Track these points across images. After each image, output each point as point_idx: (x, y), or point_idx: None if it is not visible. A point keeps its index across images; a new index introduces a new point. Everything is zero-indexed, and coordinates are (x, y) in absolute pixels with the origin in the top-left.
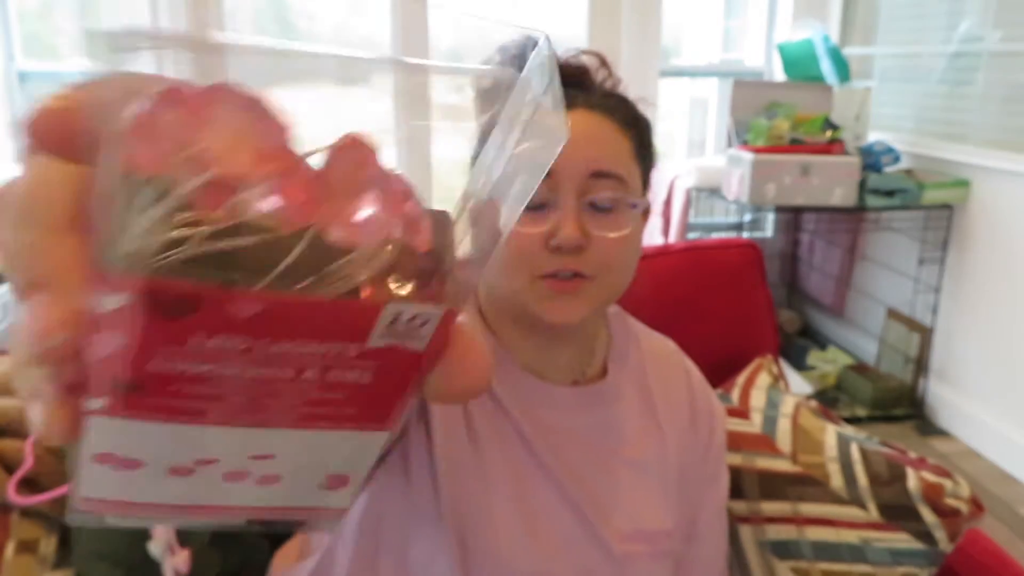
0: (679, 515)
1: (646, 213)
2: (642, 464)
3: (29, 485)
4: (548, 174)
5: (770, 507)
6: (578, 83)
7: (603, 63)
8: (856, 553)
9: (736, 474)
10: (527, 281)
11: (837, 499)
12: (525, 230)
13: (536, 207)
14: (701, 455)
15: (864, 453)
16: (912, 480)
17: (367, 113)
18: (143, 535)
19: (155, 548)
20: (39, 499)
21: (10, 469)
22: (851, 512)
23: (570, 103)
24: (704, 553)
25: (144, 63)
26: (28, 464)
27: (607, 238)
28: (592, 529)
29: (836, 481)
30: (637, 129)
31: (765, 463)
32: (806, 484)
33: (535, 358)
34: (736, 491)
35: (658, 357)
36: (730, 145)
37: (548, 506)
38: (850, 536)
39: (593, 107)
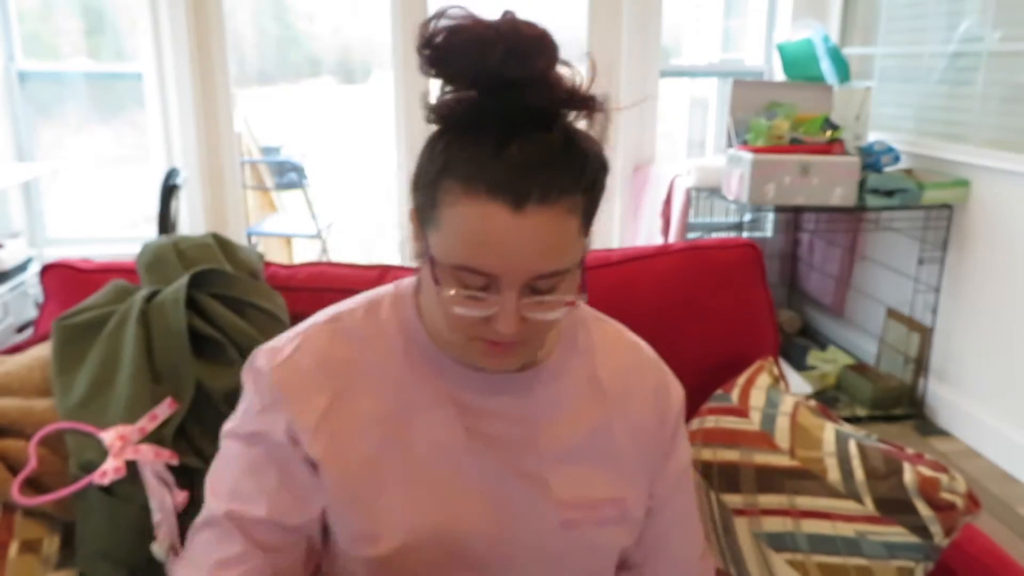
0: (633, 484)
1: (581, 263)
2: (584, 438)
3: (32, 485)
4: (491, 276)
5: (766, 500)
6: (550, 102)
7: (573, 69)
8: (852, 546)
9: (733, 469)
10: (463, 339)
11: (834, 493)
12: (466, 312)
13: (480, 291)
14: (655, 428)
15: (861, 448)
16: (908, 474)
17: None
18: (147, 535)
19: (158, 549)
20: (44, 500)
21: (12, 469)
22: (847, 505)
23: (523, 199)
24: (665, 521)
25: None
26: (32, 465)
27: (542, 322)
28: (535, 501)
29: (833, 475)
30: (591, 192)
31: (763, 458)
32: (803, 478)
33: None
34: (733, 485)
35: (608, 339)
36: (730, 145)
37: (488, 484)
38: (846, 529)
39: (544, 198)
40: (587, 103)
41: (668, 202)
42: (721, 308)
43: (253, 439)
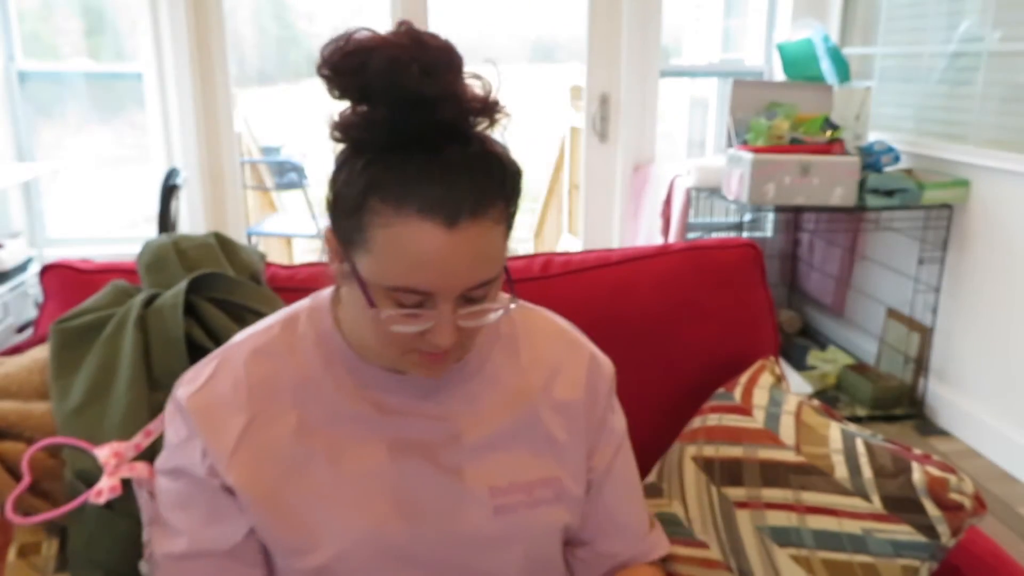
0: (566, 462)
1: (506, 270)
2: (511, 424)
3: (31, 490)
4: (428, 294)
5: (771, 493)
6: (455, 119)
7: (480, 79)
8: (858, 543)
9: (736, 464)
10: (398, 352)
11: (840, 489)
12: (404, 330)
13: (416, 308)
14: (585, 403)
15: (869, 447)
16: (917, 473)
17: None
18: (141, 547)
19: (146, 568)
20: (37, 519)
21: (11, 471)
22: (854, 503)
23: (454, 216)
24: (608, 493)
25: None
26: (26, 481)
27: (475, 328)
28: (463, 493)
29: (840, 472)
30: (512, 198)
31: (767, 454)
32: (809, 473)
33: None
34: (735, 479)
35: (532, 328)
36: (730, 145)
37: (417, 483)
38: (852, 526)
39: (474, 209)
40: (495, 110)
41: (668, 202)
42: (721, 308)
43: (175, 474)
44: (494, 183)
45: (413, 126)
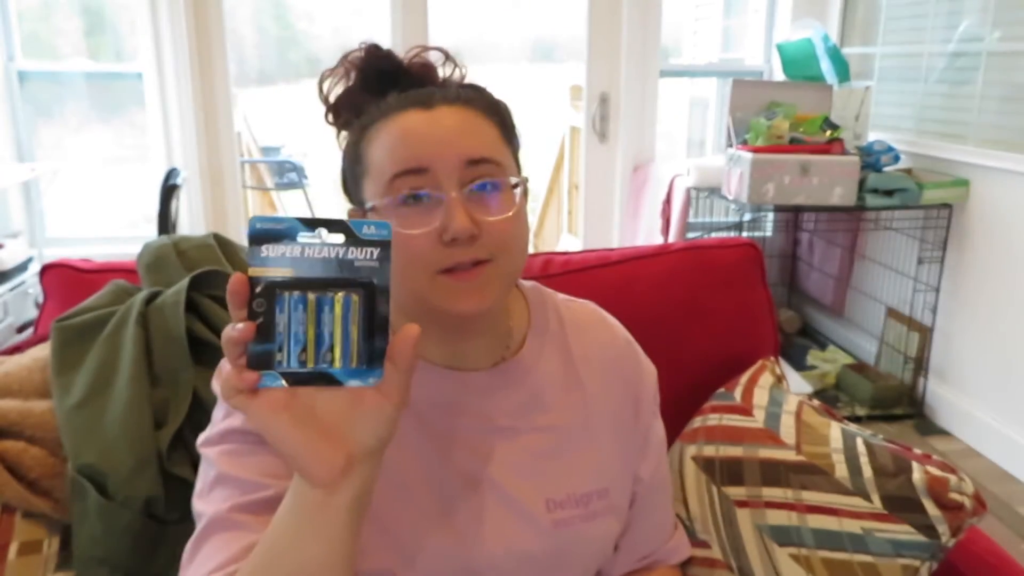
0: (615, 472)
1: (526, 192)
2: (565, 429)
3: (31, 487)
4: (424, 171)
5: (771, 492)
6: (427, 80)
7: (448, 57)
8: (858, 542)
9: (737, 464)
10: (427, 280)
11: (841, 489)
12: (415, 231)
13: (419, 204)
14: (632, 412)
15: (869, 447)
16: (917, 473)
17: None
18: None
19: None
20: None
21: (11, 470)
22: (854, 502)
23: (429, 101)
24: (646, 494)
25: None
26: None
27: (497, 221)
28: (518, 507)
29: (840, 471)
30: (499, 115)
31: (768, 453)
32: (810, 473)
33: (452, 354)
34: (736, 479)
35: (580, 323)
36: (730, 145)
37: (467, 497)
38: (852, 526)
39: (452, 101)
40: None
41: (668, 202)
42: (721, 308)
43: (225, 436)
44: (474, 96)
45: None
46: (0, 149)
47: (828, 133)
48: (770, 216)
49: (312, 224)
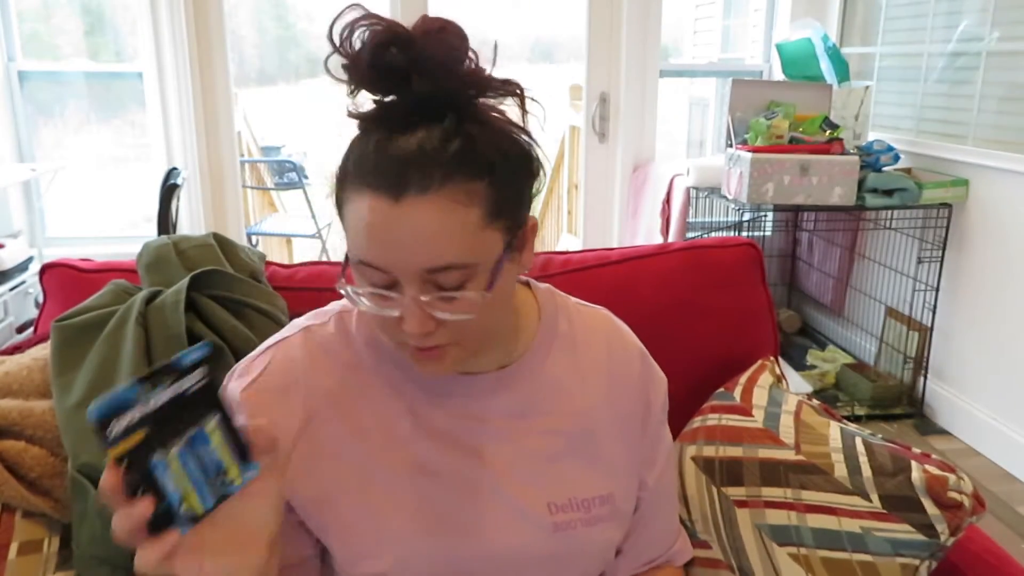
0: (619, 478)
1: (533, 228)
2: (569, 433)
3: (31, 487)
4: (385, 271)
5: (770, 492)
6: (439, 77)
7: (475, 62)
8: (857, 542)
9: (737, 464)
10: (393, 344)
11: (840, 488)
12: (374, 310)
13: (385, 290)
14: (641, 418)
15: (868, 446)
16: (916, 472)
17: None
18: None
19: None
20: None
21: (12, 469)
22: (853, 501)
23: (400, 188)
24: (652, 500)
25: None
26: None
27: (459, 322)
28: (519, 508)
29: (839, 471)
30: (492, 175)
31: (767, 453)
32: (809, 472)
33: None
34: (735, 479)
35: (590, 329)
36: (729, 144)
37: (467, 498)
38: (851, 525)
39: (425, 188)
40: (488, 85)
41: (667, 201)
42: (721, 308)
43: None
44: (458, 160)
45: (397, 104)
46: (0, 149)
47: (828, 133)
48: (770, 216)
49: (143, 379)
